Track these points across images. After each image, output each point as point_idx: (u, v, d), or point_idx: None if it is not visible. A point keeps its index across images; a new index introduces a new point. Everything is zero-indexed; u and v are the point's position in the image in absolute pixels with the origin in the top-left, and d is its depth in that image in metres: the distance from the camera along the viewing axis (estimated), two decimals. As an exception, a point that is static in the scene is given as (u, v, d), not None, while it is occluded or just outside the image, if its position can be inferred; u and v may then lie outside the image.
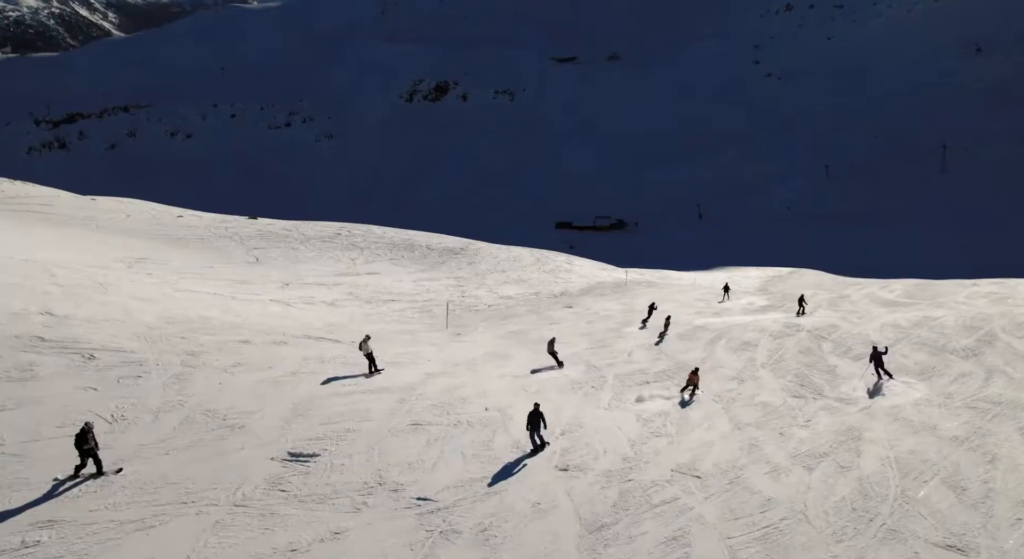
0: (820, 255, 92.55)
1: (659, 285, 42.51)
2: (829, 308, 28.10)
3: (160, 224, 51.22)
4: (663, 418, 14.62)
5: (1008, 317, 21.13)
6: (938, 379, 16.58)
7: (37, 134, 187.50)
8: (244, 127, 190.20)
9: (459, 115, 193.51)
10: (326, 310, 25.27)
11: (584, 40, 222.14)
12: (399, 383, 14.96)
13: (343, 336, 18.97)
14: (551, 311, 28.66)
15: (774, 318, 25.25)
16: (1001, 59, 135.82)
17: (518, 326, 24.70)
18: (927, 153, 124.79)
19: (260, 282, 33.07)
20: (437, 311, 28.84)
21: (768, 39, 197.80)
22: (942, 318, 21.84)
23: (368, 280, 37.71)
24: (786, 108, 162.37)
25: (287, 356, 15.75)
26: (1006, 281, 30.85)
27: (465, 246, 51.67)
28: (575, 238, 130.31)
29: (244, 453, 10.89)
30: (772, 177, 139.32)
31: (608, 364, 19.43)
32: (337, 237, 51.35)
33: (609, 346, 21.70)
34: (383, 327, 22.66)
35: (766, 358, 19.73)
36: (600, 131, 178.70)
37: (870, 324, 22.48)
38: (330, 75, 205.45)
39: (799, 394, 16.31)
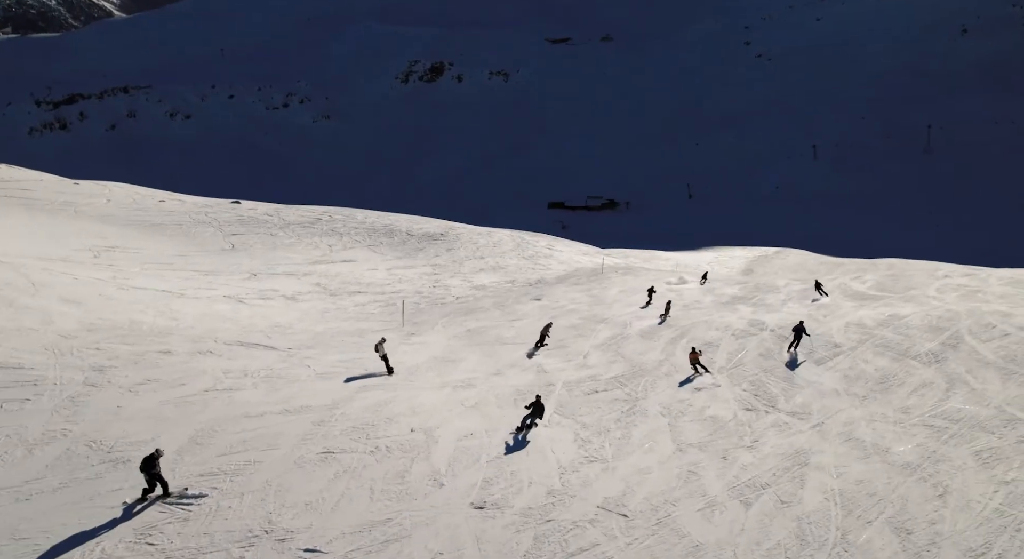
0: (807, 234, 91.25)
1: (636, 271, 41.04)
2: (799, 302, 26.72)
3: (141, 209, 49.54)
4: (603, 437, 13.32)
5: (975, 316, 19.76)
6: (898, 389, 15.26)
7: (38, 115, 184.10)
8: (242, 108, 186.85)
9: (454, 96, 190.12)
10: (282, 306, 23.87)
11: (578, 21, 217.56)
12: (323, 399, 13.61)
13: (282, 341, 17.62)
14: (517, 305, 27.26)
15: (740, 315, 23.88)
16: (986, 41, 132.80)
17: (478, 323, 23.33)
18: (913, 133, 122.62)
19: (227, 272, 31.63)
20: (401, 304, 27.45)
21: (759, 20, 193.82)
22: (908, 317, 20.46)
23: (341, 269, 36.27)
24: (776, 89, 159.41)
25: (207, 369, 14.38)
26: (978, 271, 29.46)
27: (446, 231, 50.11)
28: (567, 218, 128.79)
29: (120, 495, 9.58)
30: (761, 157, 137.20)
31: (560, 369, 18.10)
32: (318, 222, 49.76)
33: (567, 346, 20.35)
34: (335, 326, 21.27)
35: (725, 361, 18.40)
36: (593, 112, 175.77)
37: (836, 322, 21.11)
38: (327, 56, 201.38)
39: (752, 406, 14.99)
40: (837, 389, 15.69)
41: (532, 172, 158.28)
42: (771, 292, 29.87)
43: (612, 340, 21.18)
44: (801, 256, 71.00)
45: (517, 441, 12.65)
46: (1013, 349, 16.72)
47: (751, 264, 65.49)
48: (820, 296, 28.93)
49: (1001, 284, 26.21)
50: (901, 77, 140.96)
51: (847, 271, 54.11)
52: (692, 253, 73.71)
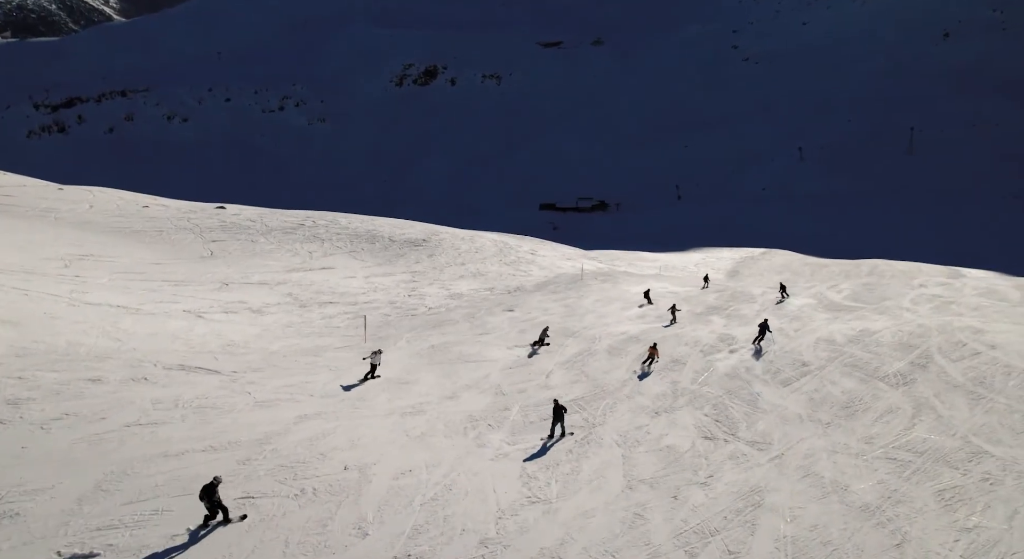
0: (793, 235, 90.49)
1: (615, 278, 40.05)
2: (773, 313, 25.79)
3: (123, 215, 48.34)
4: (551, 471, 12.34)
5: (946, 333, 18.86)
6: (863, 416, 14.32)
7: (36, 118, 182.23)
8: (239, 110, 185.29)
9: (448, 98, 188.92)
10: (244, 321, 22.81)
11: (569, 25, 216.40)
12: (256, 432, 12.60)
13: (229, 363, 16.59)
14: (489, 317, 26.26)
15: (712, 328, 22.93)
16: (966, 45, 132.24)
17: (444, 338, 22.33)
18: (896, 135, 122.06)
19: (198, 282, 30.53)
20: (370, 318, 26.43)
21: (746, 24, 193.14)
22: (879, 333, 19.54)
23: (317, 277, 35.21)
24: (763, 91, 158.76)
25: (135, 400, 13.35)
26: (953, 281, 28.56)
27: (429, 236, 49.03)
28: (558, 219, 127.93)
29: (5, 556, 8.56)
30: (749, 159, 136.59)
31: (520, 390, 17.11)
32: (300, 228, 48.62)
33: (530, 365, 19.37)
34: (293, 344, 20.23)
35: (689, 382, 17.44)
36: (584, 114, 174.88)
37: (806, 338, 20.18)
38: (323, 59, 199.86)
39: (711, 434, 14.04)
40: (801, 415, 14.74)
41: (524, 173, 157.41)
42: (747, 302, 28.95)
43: (578, 357, 20.21)
44: (786, 257, 70.18)
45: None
46: (982, 370, 15.81)
47: (737, 265, 64.60)
48: (783, 298, 28.54)
49: (975, 294, 25.32)
50: (884, 80, 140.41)
51: (826, 277, 53.40)
52: (680, 254, 72.78)
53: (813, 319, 23.82)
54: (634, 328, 23.94)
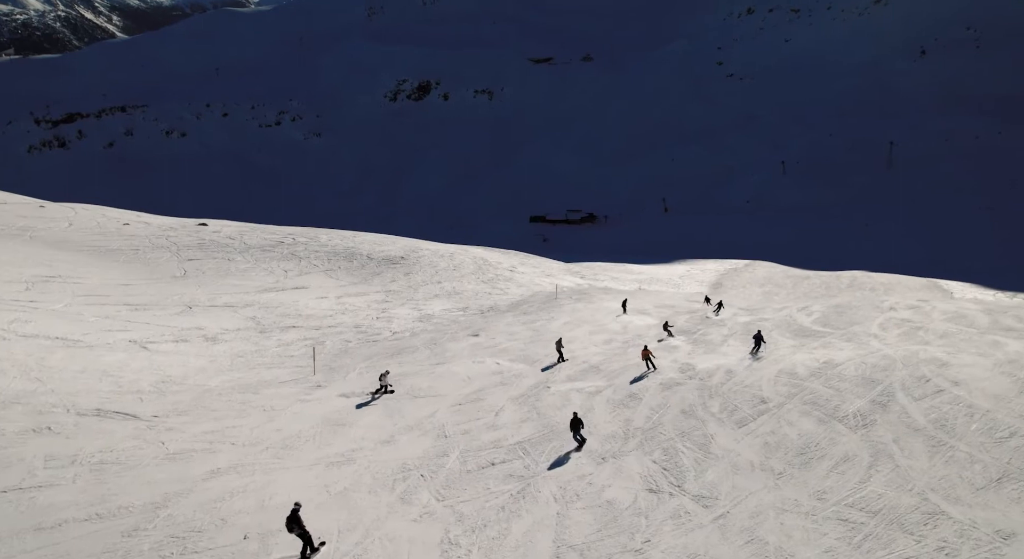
0: (776, 247, 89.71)
1: (590, 296, 38.88)
2: (741, 339, 24.61)
3: (101, 233, 46.98)
4: (476, 535, 11.07)
5: (911, 364, 17.70)
6: (818, 465, 13.11)
7: (37, 133, 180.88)
8: (236, 125, 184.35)
9: (441, 113, 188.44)
10: (192, 351, 21.50)
11: (560, 42, 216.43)
12: (154, 493, 11.30)
13: (153, 405, 15.29)
14: (451, 343, 25.02)
15: (675, 358, 21.73)
16: (942, 62, 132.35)
17: (398, 369, 21.06)
18: (876, 149, 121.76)
19: (161, 306, 29.23)
20: (331, 344, 25.18)
21: (731, 41, 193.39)
22: (843, 366, 18.36)
23: (287, 298, 33.92)
24: (746, 106, 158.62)
25: (27, 456, 12.05)
26: (923, 304, 27.43)
27: (408, 253, 47.82)
28: (548, 231, 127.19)
29: None
30: (733, 172, 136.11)
31: (465, 430, 15.86)
32: (279, 246, 47.35)
33: (481, 400, 18.11)
34: (236, 378, 18.94)
35: (643, 420, 16.21)
36: (573, 128, 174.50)
37: (768, 370, 18.97)
38: (319, 75, 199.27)
39: (656, 486, 12.80)
40: (753, 462, 13.52)
41: (514, 186, 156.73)
42: (716, 325, 27.80)
43: (533, 390, 18.97)
44: (769, 269, 69.17)
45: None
46: (944, 411, 14.62)
47: (721, 278, 63.53)
48: (717, 311, 28.88)
49: (944, 319, 24.20)
50: (864, 96, 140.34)
51: (806, 290, 52.33)
52: (666, 266, 71.71)
53: (779, 346, 22.65)
54: (597, 356, 22.74)
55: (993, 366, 17.01)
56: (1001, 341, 20.45)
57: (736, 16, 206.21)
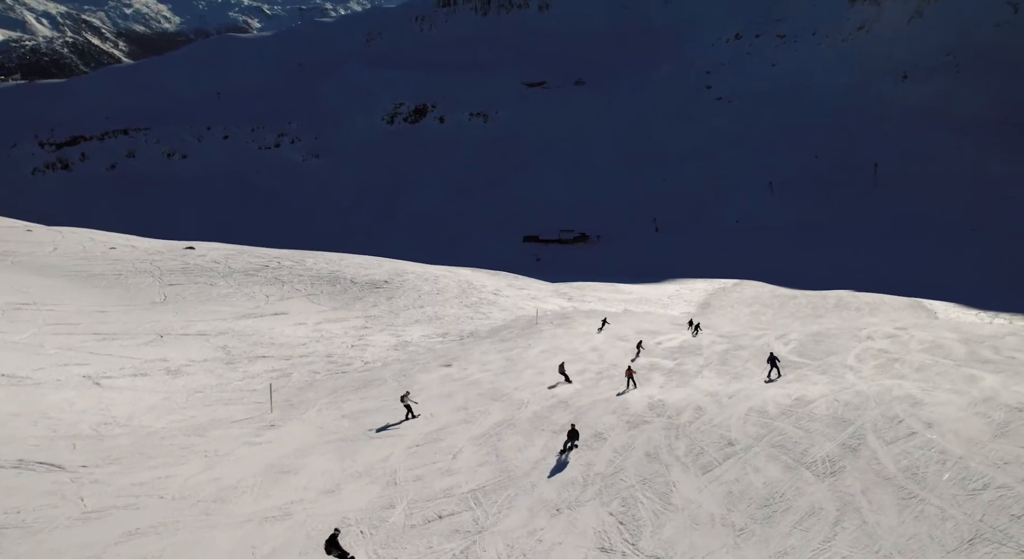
0: (764, 266, 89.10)
1: (572, 321, 37.94)
2: (716, 370, 23.68)
3: (85, 258, 46.05)
4: (407, 604, 10.03)
5: (884, 403, 16.76)
6: (781, 519, 12.11)
7: (41, 155, 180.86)
8: (236, 147, 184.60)
9: (436, 135, 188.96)
10: (149, 386, 20.47)
11: (553, 66, 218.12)
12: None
13: (85, 453, 14.22)
14: (422, 374, 24.02)
15: (646, 392, 20.75)
16: (923, 85, 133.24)
17: (362, 404, 20.06)
18: (861, 169, 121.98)
19: (131, 334, 28.23)
20: (297, 376, 24.16)
21: (719, 65, 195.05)
22: (815, 404, 17.40)
23: (264, 325, 32.94)
24: (735, 128, 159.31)
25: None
26: (901, 333, 26.53)
27: (392, 277, 46.91)
28: (541, 251, 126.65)
29: None
30: (722, 193, 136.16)
31: (418, 476, 14.83)
32: (264, 270, 46.42)
33: (441, 440, 17.09)
34: (186, 417, 17.91)
35: (605, 464, 15.20)
36: (566, 149, 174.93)
37: (739, 407, 18.00)
38: (318, 99, 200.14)
39: (608, 544, 11.78)
40: (714, 515, 12.51)
41: (508, 206, 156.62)
42: (692, 354, 26.89)
43: (496, 429, 17.96)
44: (757, 288, 68.40)
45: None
46: (916, 457, 13.66)
47: (709, 297, 62.70)
48: (695, 334, 28.19)
49: (921, 350, 23.30)
50: (849, 118, 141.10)
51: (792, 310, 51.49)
52: (655, 286, 70.92)
53: (752, 378, 21.73)
54: (568, 389, 21.74)
55: (967, 405, 16.08)
56: (977, 375, 19.55)
57: (724, 41, 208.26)
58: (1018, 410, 15.35)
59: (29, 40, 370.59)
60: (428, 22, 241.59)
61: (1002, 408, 15.56)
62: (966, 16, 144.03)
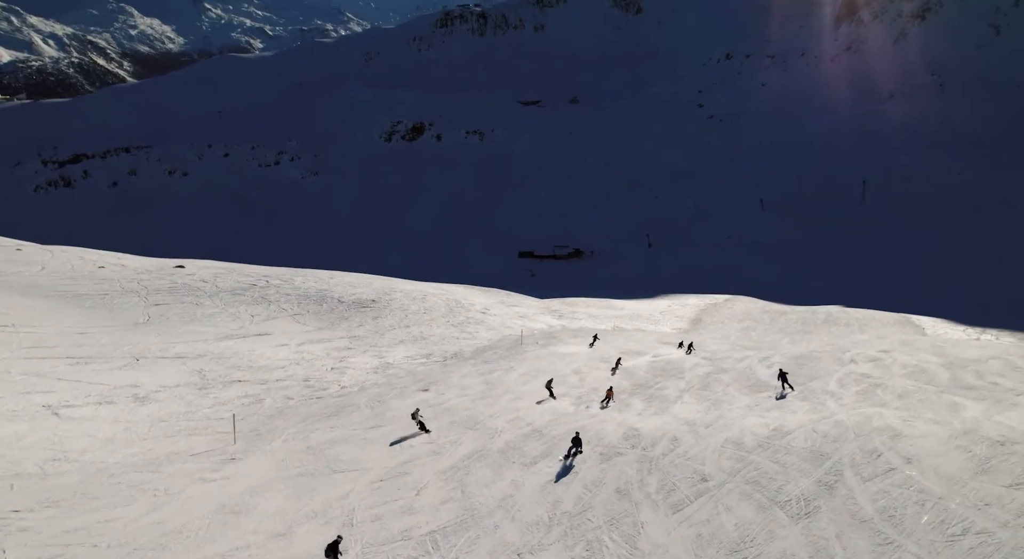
0: (755, 282, 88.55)
1: (559, 339, 37.18)
2: (696, 395, 22.89)
3: (73, 278, 45.25)
4: None
5: (864, 434, 15.99)
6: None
7: (44, 173, 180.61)
8: (236, 165, 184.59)
9: (433, 153, 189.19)
10: (112, 416, 19.63)
11: (548, 86, 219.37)
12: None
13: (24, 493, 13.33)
14: (397, 400, 23.19)
15: (623, 419, 19.94)
16: (909, 105, 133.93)
17: (331, 434, 19.23)
18: (849, 186, 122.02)
19: (106, 357, 27.40)
20: (270, 402, 23.32)
21: (710, 85, 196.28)
22: (792, 434, 16.63)
23: (244, 346, 32.12)
24: (726, 146, 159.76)
25: None
26: (884, 356, 25.79)
27: (379, 296, 46.15)
28: (536, 266, 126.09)
29: None
30: (714, 209, 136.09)
31: (376, 516, 13.97)
32: (252, 289, 45.65)
33: (406, 474, 16.25)
34: (145, 450, 17.06)
35: (573, 503, 14.37)
36: (561, 167, 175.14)
37: (716, 438, 17.20)
38: (317, 117, 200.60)
39: (567, 594, 10.95)
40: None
41: (504, 222, 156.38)
42: (675, 377, 26.10)
43: (465, 461, 17.12)
44: (748, 304, 67.63)
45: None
46: (894, 496, 12.87)
47: (701, 313, 61.89)
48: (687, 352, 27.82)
49: (904, 374, 22.56)
50: (837, 136, 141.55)
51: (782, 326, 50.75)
52: (648, 301, 70.14)
53: (732, 405, 20.94)
54: (544, 417, 20.93)
55: (948, 438, 15.32)
56: (959, 402, 18.80)
57: (715, 61, 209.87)
58: (999, 444, 14.61)
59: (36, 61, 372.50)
60: (426, 42, 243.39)
61: (984, 441, 14.82)
62: (949, 38, 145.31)
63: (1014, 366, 22.43)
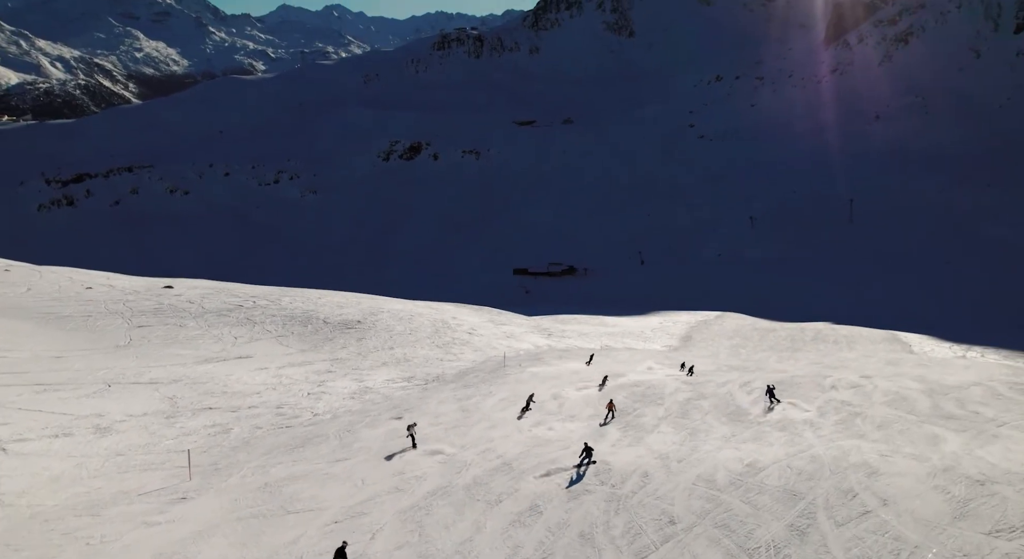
0: (746, 298, 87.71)
1: (541, 362, 36.26)
2: (674, 423, 21.96)
3: (58, 299, 44.35)
4: None
5: (840, 471, 15.11)
6: (713, 626, 10.36)
7: (47, 192, 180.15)
8: (237, 184, 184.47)
9: (430, 172, 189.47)
10: (66, 450, 18.64)
11: (542, 106, 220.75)
12: None
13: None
14: (368, 430, 22.24)
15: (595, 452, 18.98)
16: (895, 125, 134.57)
17: (293, 467, 18.27)
18: (837, 205, 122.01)
19: (76, 384, 26.42)
20: (237, 431, 22.34)
21: (701, 105, 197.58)
22: (767, 471, 15.73)
23: (222, 370, 31.14)
24: (716, 165, 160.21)
25: None
26: (865, 383, 24.91)
27: (365, 317, 45.24)
28: (530, 283, 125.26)
29: None
30: (705, 227, 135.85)
31: None
32: (238, 310, 44.74)
33: (364, 515, 15.28)
34: (94, 489, 16.06)
35: (533, 548, 13.42)
36: (555, 185, 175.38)
37: (687, 474, 16.28)
38: (317, 137, 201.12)
39: (515, 658, 9.98)
40: None
41: (499, 240, 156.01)
42: (654, 403, 25.18)
43: (428, 499, 16.15)
44: (738, 321, 66.79)
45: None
46: (867, 544, 11.97)
47: (691, 330, 61.02)
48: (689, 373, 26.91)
49: (884, 402, 21.70)
50: (825, 155, 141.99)
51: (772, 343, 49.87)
52: (640, 318, 69.25)
53: (709, 435, 20.02)
54: (516, 446, 19.99)
55: (927, 476, 14.44)
56: (940, 434, 17.93)
57: (706, 82, 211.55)
58: (979, 484, 13.73)
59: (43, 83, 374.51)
60: (423, 64, 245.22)
61: (963, 481, 13.94)
62: (932, 61, 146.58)
63: (996, 393, 21.60)
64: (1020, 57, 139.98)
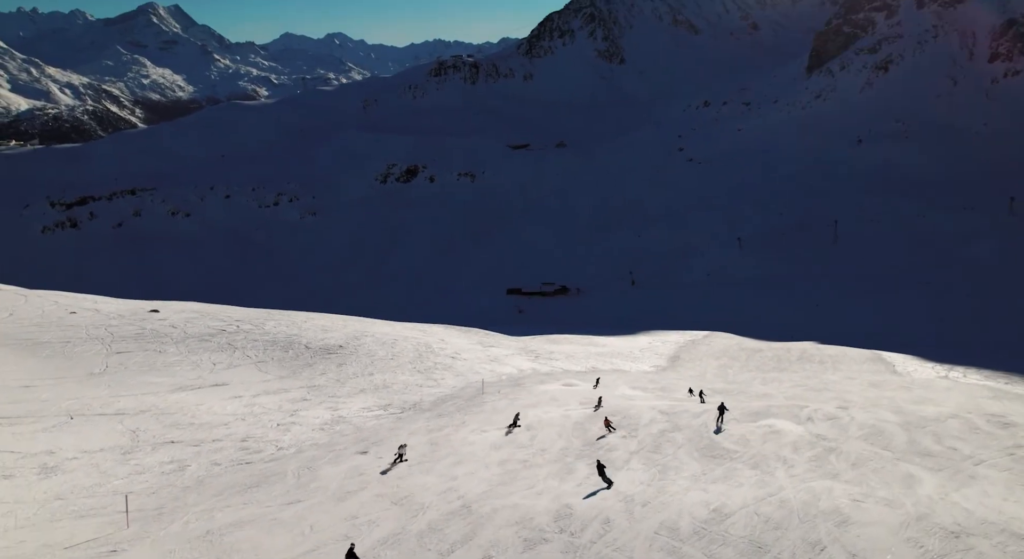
0: (734, 318, 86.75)
1: (522, 389, 35.02)
2: (645, 458, 20.76)
3: (39, 324, 43.11)
4: None
5: (808, 519, 13.96)
6: None
7: (52, 215, 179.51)
8: (237, 206, 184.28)
9: (427, 194, 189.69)
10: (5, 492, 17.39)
11: (536, 131, 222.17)
12: None
13: None
14: (329, 466, 20.99)
15: (559, 493, 17.79)
16: (877, 149, 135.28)
17: (243, 511, 17.02)
18: (822, 226, 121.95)
19: (37, 416, 25.17)
20: (195, 468, 21.06)
21: (689, 130, 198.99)
22: (733, 518, 14.57)
23: (193, 399, 29.88)
24: (705, 188, 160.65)
25: None
26: (841, 414, 23.79)
27: (348, 341, 43.96)
28: (523, 303, 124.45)
29: None
30: (694, 248, 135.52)
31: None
32: (220, 334, 43.48)
33: (323, 548, 14.03)
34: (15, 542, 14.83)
35: (479, 607, 12.19)
36: (549, 208, 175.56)
37: (650, 521, 15.09)
38: (316, 160, 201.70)
39: None
40: None
41: (493, 260, 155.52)
42: (628, 437, 23.96)
43: (377, 548, 14.92)
44: (726, 341, 65.63)
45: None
46: (835, 610, 10.79)
47: (679, 350, 59.80)
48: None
49: (860, 436, 20.57)
50: (810, 178, 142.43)
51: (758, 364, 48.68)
52: (630, 338, 68.05)
53: (679, 473, 18.83)
54: (480, 485, 18.77)
55: (899, 527, 13.30)
56: (915, 474, 16.81)
57: (694, 108, 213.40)
58: (954, 536, 12.60)
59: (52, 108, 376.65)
60: (420, 90, 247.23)
61: (937, 532, 12.81)
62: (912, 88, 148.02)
63: (973, 427, 20.53)
64: (995, 85, 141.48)
